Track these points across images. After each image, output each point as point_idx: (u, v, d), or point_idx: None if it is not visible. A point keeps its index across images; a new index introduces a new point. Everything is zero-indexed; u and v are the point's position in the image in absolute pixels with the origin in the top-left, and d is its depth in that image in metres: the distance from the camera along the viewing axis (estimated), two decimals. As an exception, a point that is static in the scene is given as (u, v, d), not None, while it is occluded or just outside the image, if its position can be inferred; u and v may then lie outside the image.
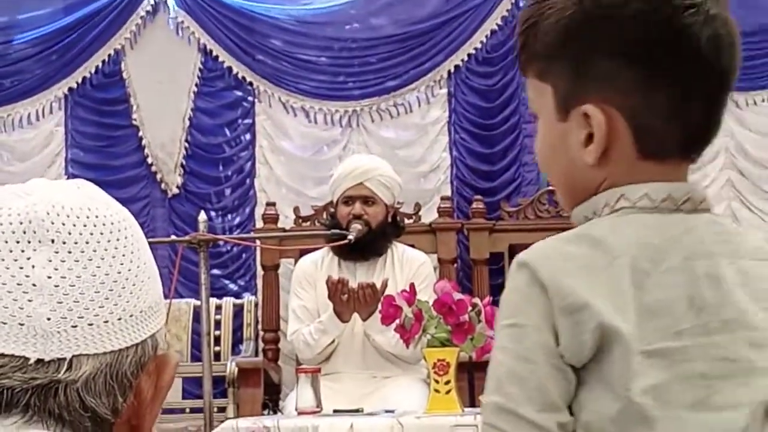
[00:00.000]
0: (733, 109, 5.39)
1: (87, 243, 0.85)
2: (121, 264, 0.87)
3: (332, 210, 4.07)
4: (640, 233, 1.12)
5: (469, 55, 5.36)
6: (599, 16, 1.12)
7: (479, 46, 5.34)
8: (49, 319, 0.83)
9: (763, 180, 5.35)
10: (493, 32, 5.36)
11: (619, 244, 1.11)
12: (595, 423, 1.08)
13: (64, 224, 0.85)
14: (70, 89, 5.43)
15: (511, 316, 1.13)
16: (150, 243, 0.90)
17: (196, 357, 4.88)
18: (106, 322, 0.85)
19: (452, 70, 5.35)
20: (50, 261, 0.84)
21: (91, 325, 0.84)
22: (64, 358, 0.83)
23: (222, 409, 4.26)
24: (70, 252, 0.84)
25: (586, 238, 1.13)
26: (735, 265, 1.13)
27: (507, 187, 5.33)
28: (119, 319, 0.85)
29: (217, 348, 4.69)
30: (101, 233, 0.86)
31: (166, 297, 5.68)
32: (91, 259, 0.85)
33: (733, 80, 1.18)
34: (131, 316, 0.86)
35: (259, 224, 5.17)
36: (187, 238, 3.62)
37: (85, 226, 0.86)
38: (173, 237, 4.58)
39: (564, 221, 5.14)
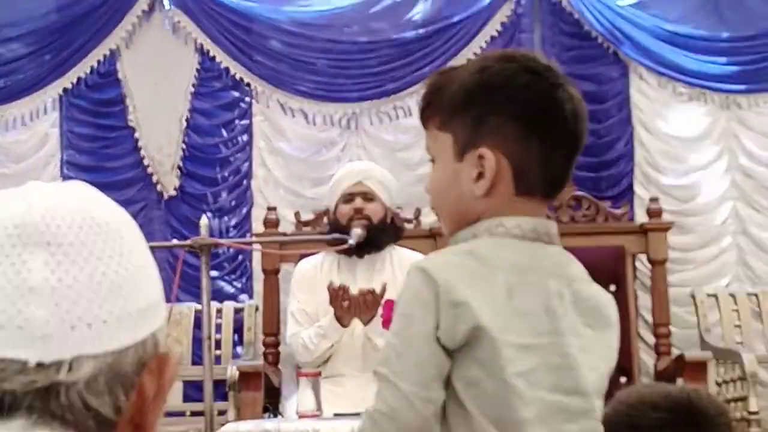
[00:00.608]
0: (735, 111, 5.46)
1: (83, 244, 0.86)
2: (118, 264, 0.87)
3: (331, 216, 4.12)
4: (513, 254, 1.51)
5: (468, 60, 5.39)
6: (495, 84, 1.52)
7: (478, 51, 5.39)
8: (47, 321, 0.83)
9: (767, 180, 5.41)
10: (492, 38, 5.41)
11: (497, 261, 1.50)
12: (475, 398, 1.45)
13: (59, 226, 0.86)
14: (65, 89, 5.44)
15: (405, 307, 1.49)
16: (151, 247, 0.93)
17: (197, 360, 4.95)
18: (105, 322, 0.85)
19: (452, 73, 5.42)
20: (47, 264, 0.85)
21: (90, 325, 0.84)
22: (64, 360, 0.84)
23: (222, 413, 4.32)
24: (66, 254, 0.85)
25: (472, 254, 1.51)
26: (571, 287, 1.54)
27: (504, 191, 5.38)
28: (118, 318, 0.86)
29: (217, 351, 4.77)
30: (97, 234, 0.87)
31: (167, 301, 5.73)
32: (87, 260, 0.86)
33: (582, 145, 1.56)
34: (130, 315, 0.87)
35: (256, 226, 5.21)
36: (188, 242, 3.67)
37: (80, 227, 0.87)
38: (174, 241, 4.62)
39: (562, 226, 5.20)
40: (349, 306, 3.74)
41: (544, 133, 1.52)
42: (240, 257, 5.31)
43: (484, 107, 1.53)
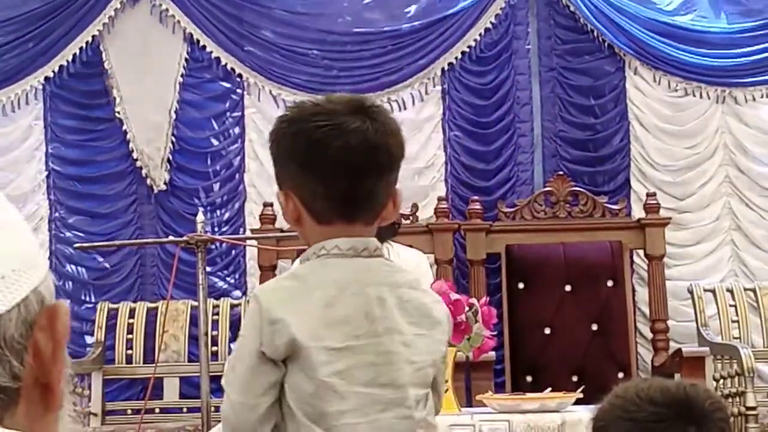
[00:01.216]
0: (732, 106, 5.51)
1: None
2: None
3: None
4: (334, 271, 1.82)
5: (462, 53, 5.43)
6: (281, 133, 1.86)
7: (473, 44, 5.42)
8: None
9: (762, 177, 5.47)
10: (486, 30, 5.44)
11: (317, 279, 1.82)
12: (298, 399, 1.78)
13: None
14: (47, 78, 5.41)
15: (242, 329, 1.86)
16: (146, 244, 0.95)
17: (193, 357, 5.00)
18: None
19: (446, 68, 5.44)
20: None
21: None
22: None
23: (219, 408, 4.35)
24: None
25: (295, 276, 1.88)
26: (395, 292, 1.82)
27: (502, 186, 5.43)
28: None
29: (214, 348, 4.81)
30: None
31: (163, 298, 5.77)
32: None
33: (374, 168, 1.81)
34: (3, 277, 0.83)
35: (250, 220, 5.23)
36: (184, 238, 3.71)
37: None
38: (171, 238, 4.66)
39: (559, 222, 5.28)
40: None
41: (317, 171, 1.82)
42: (233, 253, 5.34)
43: (276, 155, 1.88)
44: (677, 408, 1.52)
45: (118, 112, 5.38)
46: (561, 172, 5.37)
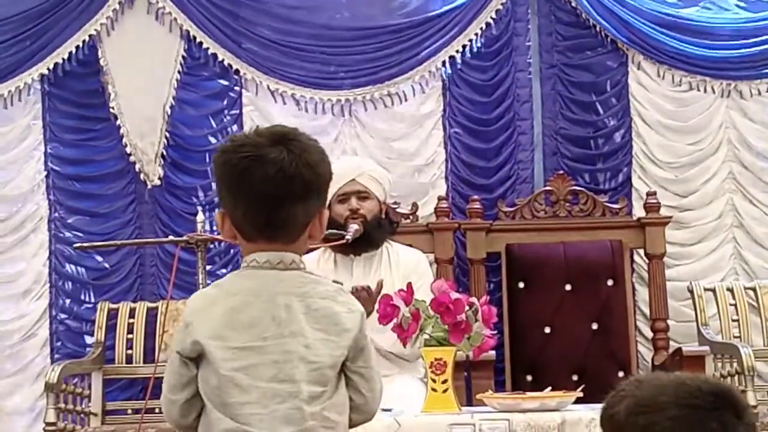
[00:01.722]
0: (736, 100, 5.48)
1: None
2: None
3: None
4: (249, 281, 2.13)
5: (463, 46, 5.44)
6: (216, 162, 2.15)
7: (473, 38, 5.42)
8: None
9: (766, 172, 5.46)
10: (487, 26, 5.44)
11: (233, 287, 2.14)
12: (208, 391, 2.08)
13: None
14: (43, 76, 5.43)
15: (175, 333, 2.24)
16: (146, 244, 0.97)
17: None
18: None
19: (447, 62, 5.45)
20: None
21: None
22: None
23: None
24: None
25: (217, 285, 2.18)
26: (304, 301, 2.10)
27: (502, 184, 5.44)
28: None
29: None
30: None
31: (163, 298, 5.79)
32: None
33: (293, 199, 2.09)
34: None
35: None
36: (184, 238, 3.72)
37: None
38: (171, 237, 4.67)
39: (560, 221, 5.30)
40: None
41: (241, 198, 2.11)
42: (231, 251, 5.36)
43: (215, 180, 2.24)
44: (724, 398, 1.55)
45: (113, 108, 5.39)
46: (561, 171, 5.39)
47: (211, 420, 2.08)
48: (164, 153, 5.41)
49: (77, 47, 5.42)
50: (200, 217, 3.81)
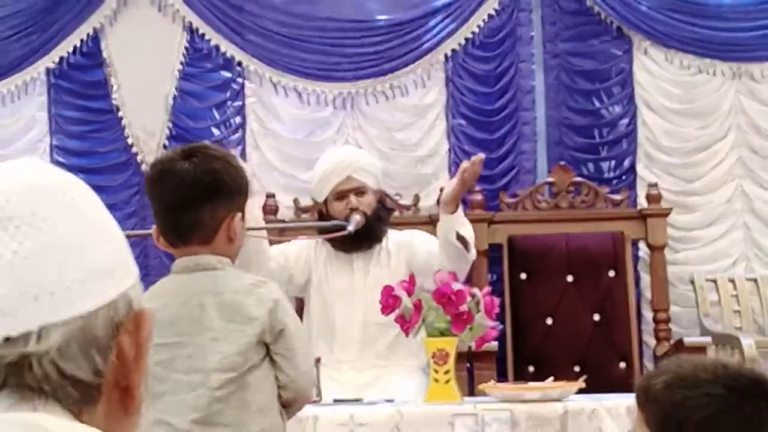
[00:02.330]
0: (746, 83, 5.41)
1: (33, 214, 0.88)
2: (73, 228, 0.89)
3: (325, 213, 4.13)
4: (171, 283, 2.46)
5: (466, 39, 5.42)
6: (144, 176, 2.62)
7: (476, 30, 5.40)
8: (8, 296, 0.85)
9: (777, 156, 5.43)
10: (490, 17, 5.42)
11: (159, 290, 2.46)
12: None
13: (8, 201, 0.88)
14: (49, 70, 5.45)
15: None
16: (147, 235, 0.97)
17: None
18: (69, 288, 0.87)
19: (449, 54, 5.43)
20: (0, 240, 0.87)
21: (52, 293, 0.86)
22: (32, 331, 0.85)
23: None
24: (17, 227, 0.87)
25: (151, 289, 2.47)
26: (217, 298, 2.38)
27: (505, 175, 5.44)
28: (82, 282, 0.87)
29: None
30: (47, 202, 0.89)
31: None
32: (40, 229, 0.87)
33: (197, 203, 2.41)
34: (94, 277, 0.88)
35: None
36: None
37: (29, 199, 0.89)
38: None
39: (562, 213, 5.30)
40: None
41: (156, 207, 2.45)
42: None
43: None
44: (762, 386, 1.57)
45: (115, 99, 5.41)
46: (563, 162, 5.38)
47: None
48: (167, 144, 5.40)
49: (81, 40, 5.43)
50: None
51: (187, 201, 2.38)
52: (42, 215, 0.88)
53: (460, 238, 3.85)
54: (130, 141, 5.40)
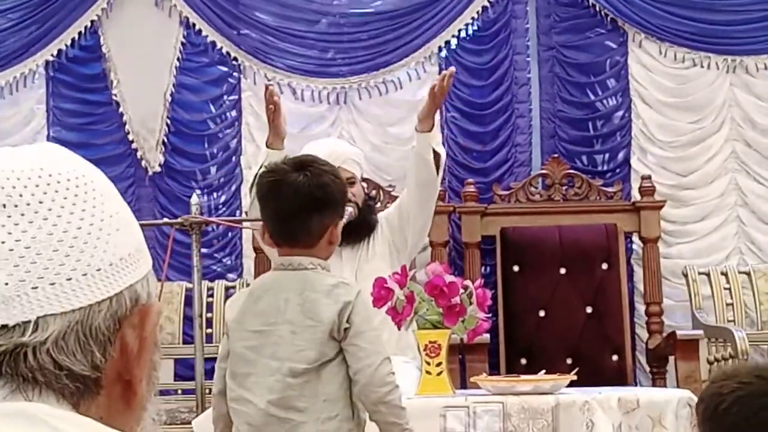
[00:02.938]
0: (741, 76, 5.34)
1: (40, 203, 0.86)
2: (81, 219, 0.86)
3: None
4: (268, 278, 2.77)
5: (459, 31, 5.37)
6: (255, 184, 2.96)
7: (470, 22, 5.37)
8: (6, 284, 0.83)
9: (771, 149, 5.33)
10: (484, 9, 5.37)
11: (258, 283, 2.83)
12: (230, 361, 2.70)
13: (14, 187, 0.85)
14: (48, 62, 5.41)
15: None
16: (141, 225, 0.95)
17: (187, 339, 4.99)
18: (69, 279, 0.85)
19: (443, 47, 5.38)
20: (3, 226, 0.84)
21: (53, 284, 0.84)
22: (29, 321, 0.83)
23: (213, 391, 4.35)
24: (23, 214, 0.85)
25: (253, 281, 3.18)
26: (301, 295, 2.64)
27: (499, 167, 5.39)
28: (84, 274, 0.85)
29: (209, 330, 4.80)
30: (56, 191, 0.86)
31: (158, 279, 5.74)
32: (46, 219, 0.85)
33: (306, 212, 2.70)
34: (99, 270, 0.86)
35: (246, 203, 5.23)
36: (178, 220, 3.70)
37: (37, 186, 0.86)
38: (165, 219, 4.65)
39: (555, 205, 5.26)
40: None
41: (267, 213, 2.73)
42: (229, 235, 5.34)
43: None
44: None
45: (115, 95, 5.36)
46: (556, 155, 5.35)
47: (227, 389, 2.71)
48: (165, 138, 5.38)
49: (80, 33, 5.39)
50: (194, 199, 3.77)
51: (299, 210, 2.64)
52: (49, 204, 0.86)
53: (435, 156, 3.92)
54: (130, 137, 5.35)
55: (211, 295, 5.04)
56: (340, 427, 2.60)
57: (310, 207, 2.64)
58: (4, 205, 0.85)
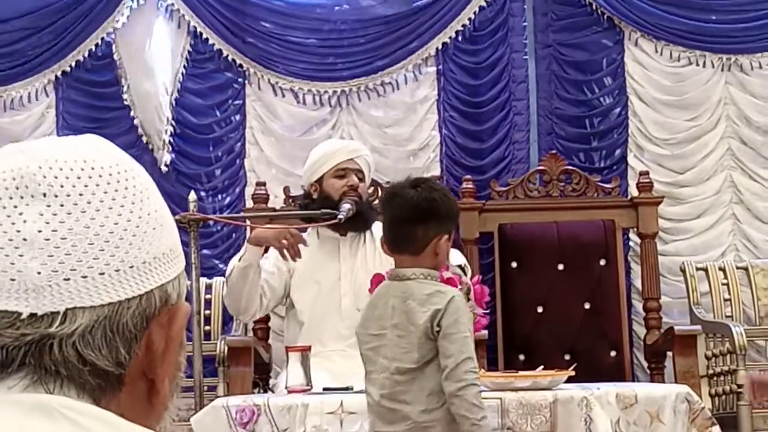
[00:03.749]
0: (736, 74, 5.27)
1: (81, 195, 0.84)
2: (119, 215, 0.85)
3: (317, 189, 4.09)
4: (381, 289, 3.00)
5: (456, 32, 5.32)
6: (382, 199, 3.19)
7: (467, 23, 5.34)
8: (39, 273, 0.82)
9: (766, 147, 5.26)
10: (480, 8, 5.34)
11: (374, 295, 3.05)
12: (362, 360, 3.00)
13: (56, 177, 0.84)
14: (64, 72, 5.42)
15: None
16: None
17: (186, 336, 4.94)
18: (102, 274, 0.83)
19: (440, 48, 5.33)
20: (41, 215, 0.83)
21: (85, 277, 0.83)
22: (57, 312, 0.82)
23: (212, 388, 4.30)
24: (62, 205, 0.83)
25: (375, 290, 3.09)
26: (404, 303, 2.86)
27: (497, 165, 5.35)
28: (117, 270, 0.84)
29: (207, 327, 4.72)
30: (97, 185, 0.85)
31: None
32: (84, 211, 0.84)
33: (414, 222, 2.90)
34: (132, 267, 0.85)
35: (250, 204, 5.23)
36: (176, 217, 3.65)
37: (79, 178, 0.85)
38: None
39: (552, 201, 5.20)
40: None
41: (383, 220, 3.00)
42: (234, 236, 5.32)
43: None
44: None
45: (126, 99, 5.38)
46: (554, 151, 5.31)
47: None
48: (171, 141, 5.37)
49: (96, 45, 5.43)
50: (192, 196, 3.72)
51: (406, 220, 2.87)
52: (89, 197, 0.84)
53: None
54: (144, 139, 5.37)
55: (210, 293, 4.99)
56: (442, 417, 2.81)
57: (416, 218, 2.86)
58: (44, 194, 0.83)
